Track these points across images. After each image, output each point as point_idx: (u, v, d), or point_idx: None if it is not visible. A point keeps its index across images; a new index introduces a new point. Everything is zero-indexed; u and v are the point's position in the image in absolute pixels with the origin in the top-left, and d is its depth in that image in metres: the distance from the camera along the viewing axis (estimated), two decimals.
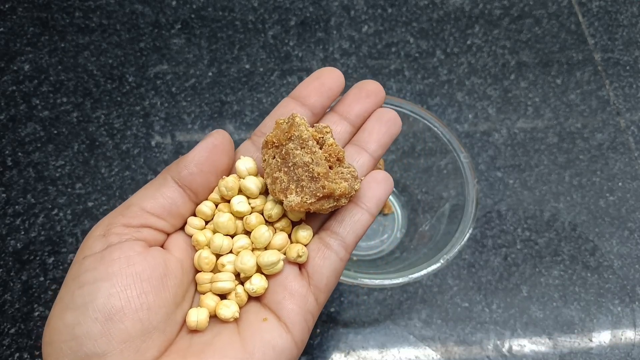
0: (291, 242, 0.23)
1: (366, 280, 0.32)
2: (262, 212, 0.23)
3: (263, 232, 0.22)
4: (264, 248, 0.22)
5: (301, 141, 0.21)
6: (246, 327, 0.20)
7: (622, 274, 0.43)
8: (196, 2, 0.54)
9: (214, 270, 0.22)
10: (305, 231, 0.22)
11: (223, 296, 0.22)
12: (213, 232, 0.22)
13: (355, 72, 0.51)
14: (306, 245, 0.22)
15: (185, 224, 0.22)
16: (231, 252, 0.22)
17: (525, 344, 0.39)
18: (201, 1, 0.54)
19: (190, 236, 0.22)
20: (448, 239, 0.34)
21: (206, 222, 0.23)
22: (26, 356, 0.37)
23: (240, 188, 0.23)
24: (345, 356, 0.38)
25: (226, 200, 0.23)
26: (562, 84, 0.52)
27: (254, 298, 0.22)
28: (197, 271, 0.22)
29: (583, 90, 0.52)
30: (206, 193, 0.22)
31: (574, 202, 0.46)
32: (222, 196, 0.22)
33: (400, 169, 0.43)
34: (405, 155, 0.42)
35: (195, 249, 0.22)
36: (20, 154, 0.44)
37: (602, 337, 0.40)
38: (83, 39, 0.51)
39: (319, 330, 0.39)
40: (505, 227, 0.44)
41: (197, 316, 0.20)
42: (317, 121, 0.25)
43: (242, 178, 0.23)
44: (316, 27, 0.53)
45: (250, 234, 0.23)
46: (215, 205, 0.23)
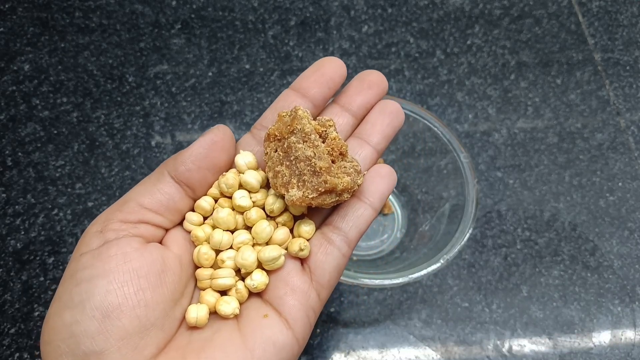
0: (293, 237, 0.22)
1: (366, 280, 0.32)
2: (263, 207, 0.22)
3: (264, 227, 0.21)
4: (265, 243, 0.22)
5: (303, 135, 0.21)
6: (247, 324, 0.20)
7: (622, 274, 0.43)
8: (196, 2, 0.54)
9: (214, 265, 0.22)
10: (307, 226, 0.22)
11: (223, 292, 0.22)
12: (212, 228, 0.22)
13: (355, 72, 0.51)
14: (308, 240, 0.22)
15: (183, 220, 0.22)
16: (231, 248, 0.22)
17: (525, 344, 0.39)
18: (201, 1, 0.54)
19: (188, 232, 0.22)
20: (448, 239, 0.34)
21: (205, 218, 0.22)
22: (26, 356, 0.37)
23: (240, 183, 0.22)
24: (345, 356, 0.38)
25: (225, 195, 0.22)
26: (562, 84, 0.52)
27: (255, 294, 0.22)
28: (197, 267, 0.22)
29: (583, 90, 0.52)
30: (204, 189, 0.22)
31: (574, 202, 0.46)
32: (223, 192, 0.22)
33: (400, 169, 0.43)
34: (405, 155, 0.42)
35: (194, 245, 0.22)
36: (20, 154, 0.44)
37: (602, 337, 0.40)
38: (83, 39, 0.51)
39: (319, 330, 0.39)
40: (505, 227, 0.44)
41: (197, 313, 0.20)
42: (319, 113, 0.24)
43: (242, 173, 0.22)
44: (316, 27, 0.53)
45: (250, 229, 0.22)
46: (214, 200, 0.22)
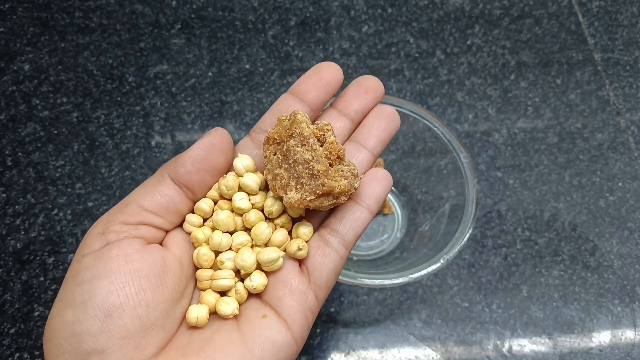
0: (291, 239, 0.22)
1: (366, 280, 0.32)
2: (262, 209, 0.23)
3: (263, 229, 0.22)
4: (264, 245, 0.22)
5: (302, 138, 0.21)
6: (246, 324, 0.21)
7: (622, 274, 0.43)
8: (196, 2, 0.54)
9: (214, 266, 0.22)
10: (305, 228, 0.22)
11: (223, 293, 0.22)
12: (212, 229, 0.22)
13: (355, 72, 0.51)
14: (307, 241, 0.22)
15: (183, 221, 0.22)
16: (231, 249, 0.22)
17: (525, 344, 0.39)
18: (201, 1, 0.54)
19: (188, 233, 0.22)
20: (448, 239, 0.34)
21: (205, 219, 0.23)
22: (26, 356, 0.37)
23: (239, 185, 0.23)
24: (345, 356, 0.38)
25: (225, 197, 0.23)
26: (562, 84, 0.52)
27: (254, 295, 0.22)
28: (197, 268, 0.22)
29: (583, 90, 0.52)
30: (203, 191, 0.22)
31: (574, 202, 0.46)
32: (223, 195, 0.22)
33: (400, 169, 0.43)
34: (405, 155, 0.42)
35: (194, 246, 0.22)
36: (20, 154, 0.44)
37: (602, 337, 0.40)
38: (83, 39, 0.51)
39: (319, 330, 0.39)
40: (505, 227, 0.44)
41: (197, 313, 0.20)
42: (317, 116, 0.25)
43: (240, 176, 0.22)
44: (316, 27, 0.53)
45: (249, 231, 0.23)
46: (214, 202, 0.23)
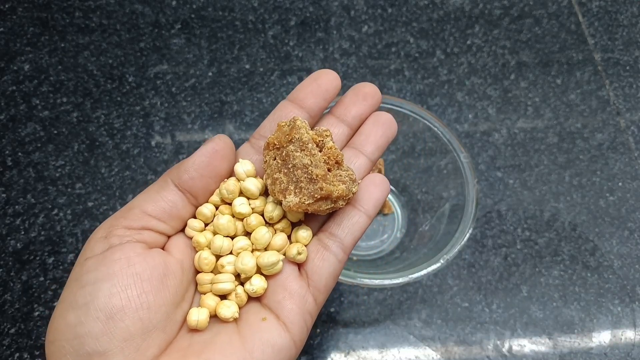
0: (291, 243, 0.23)
1: (366, 280, 0.32)
2: (262, 213, 0.23)
3: (263, 234, 0.22)
4: (264, 249, 0.22)
5: (301, 144, 0.21)
6: (246, 327, 0.21)
7: (622, 274, 0.43)
8: (196, 2, 0.54)
9: (214, 270, 0.22)
10: (305, 232, 0.23)
11: (223, 296, 0.22)
12: (213, 234, 0.23)
13: (355, 72, 0.51)
14: (306, 245, 0.23)
15: (185, 226, 0.23)
16: (231, 253, 0.22)
17: (525, 344, 0.39)
18: (201, 1, 0.54)
19: (190, 238, 0.23)
20: (448, 239, 0.34)
21: (206, 224, 0.23)
22: (26, 356, 0.37)
23: (240, 190, 0.23)
24: (345, 356, 0.38)
25: (226, 202, 0.23)
26: (562, 84, 0.52)
27: (254, 298, 0.22)
28: (198, 272, 0.22)
29: (583, 90, 0.52)
30: (206, 196, 0.23)
31: (574, 202, 0.46)
32: (223, 199, 0.23)
33: (400, 169, 0.43)
34: (405, 155, 0.42)
35: (195, 250, 0.22)
36: (20, 154, 0.44)
37: (602, 337, 0.40)
38: (83, 39, 0.51)
39: (319, 330, 0.39)
40: (505, 227, 0.44)
41: (198, 316, 0.21)
42: (315, 123, 0.25)
43: (241, 180, 0.23)
44: (316, 27, 0.53)
45: (250, 235, 0.23)
46: (215, 207, 0.23)
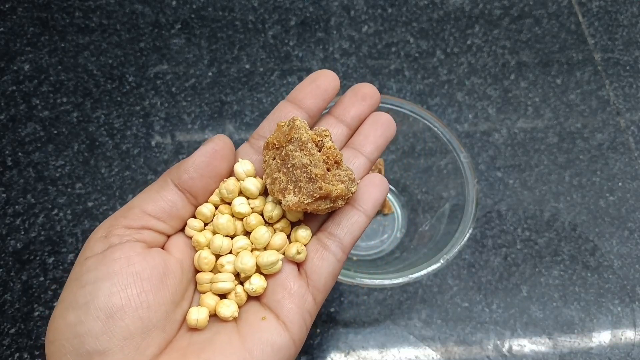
0: (290, 242, 0.23)
1: (366, 280, 0.32)
2: (261, 213, 0.23)
3: (263, 233, 0.22)
4: (264, 248, 0.22)
5: (301, 143, 0.21)
6: (245, 326, 0.21)
7: (622, 274, 0.43)
8: (196, 2, 0.54)
9: (214, 270, 0.22)
10: (304, 231, 0.23)
11: (223, 295, 0.22)
12: (213, 233, 0.23)
13: (355, 72, 0.51)
14: (305, 245, 0.23)
15: (185, 226, 0.23)
16: (231, 253, 0.23)
17: (525, 344, 0.39)
18: (201, 1, 0.54)
19: (190, 238, 0.23)
20: (448, 239, 0.34)
21: (206, 224, 0.23)
22: (26, 356, 0.37)
23: (240, 190, 0.23)
24: (345, 356, 0.38)
25: (226, 202, 0.23)
26: (562, 84, 0.52)
27: (254, 297, 0.22)
28: (197, 271, 0.23)
29: (583, 90, 0.52)
30: (206, 196, 0.23)
31: (574, 202, 0.46)
32: (223, 198, 0.23)
33: (400, 169, 0.43)
34: (405, 155, 0.42)
35: (195, 250, 0.23)
36: (20, 154, 0.44)
37: (602, 337, 0.40)
38: (83, 39, 0.51)
39: (319, 330, 0.39)
40: (505, 227, 0.44)
41: (197, 315, 0.21)
42: (314, 123, 0.25)
43: (241, 180, 0.23)
44: (316, 27, 0.53)
45: (249, 235, 0.23)
46: (215, 207, 0.23)
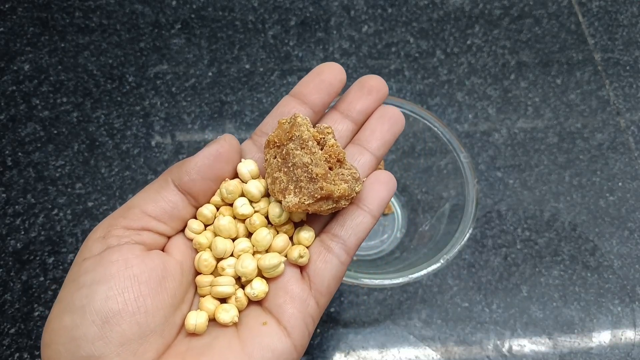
0: (292, 244, 0.22)
1: (366, 280, 0.32)
2: (265, 214, 0.22)
3: (264, 235, 0.21)
4: (265, 251, 0.22)
5: (302, 141, 0.21)
6: (246, 331, 0.20)
7: (622, 274, 0.43)
8: (196, 2, 0.54)
9: (214, 272, 0.22)
10: (307, 232, 0.22)
11: (223, 299, 0.21)
12: (214, 235, 0.22)
13: (355, 72, 0.51)
14: (308, 247, 0.22)
15: (185, 226, 0.22)
16: (232, 256, 0.22)
17: (525, 344, 0.39)
18: (201, 1, 0.54)
19: (190, 239, 0.22)
20: (448, 239, 0.34)
21: (206, 225, 0.22)
22: (26, 356, 0.37)
23: (242, 191, 0.22)
24: (345, 356, 0.38)
25: (227, 203, 0.22)
26: (562, 84, 0.52)
27: (254, 301, 0.22)
28: (198, 273, 0.22)
29: (583, 90, 0.52)
30: (207, 198, 0.22)
31: (574, 202, 0.46)
32: (223, 199, 0.22)
33: (400, 169, 0.43)
34: (405, 155, 0.42)
35: (196, 251, 0.22)
36: (20, 154, 0.44)
37: (602, 337, 0.40)
38: (83, 39, 0.51)
39: (319, 330, 0.39)
40: (505, 227, 0.44)
41: (196, 319, 0.20)
42: (319, 119, 0.24)
43: (245, 182, 0.22)
44: (316, 27, 0.53)
45: (250, 237, 0.22)
46: (216, 208, 0.22)
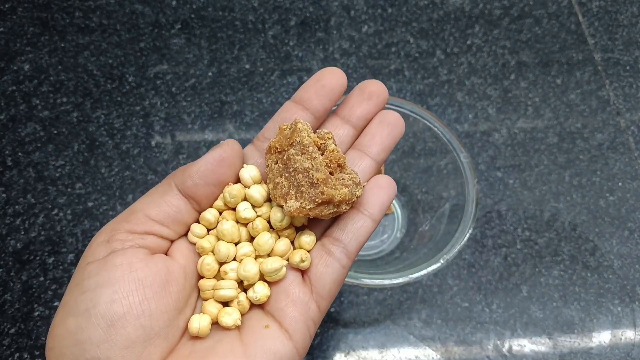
0: (294, 248, 0.22)
1: (366, 280, 0.32)
2: (267, 219, 0.23)
3: (267, 240, 0.22)
4: (267, 255, 0.22)
5: (302, 147, 0.21)
6: (248, 334, 0.20)
7: (622, 274, 0.43)
8: (196, 2, 0.54)
9: (217, 276, 0.22)
10: (308, 237, 0.22)
11: (225, 303, 0.22)
12: (217, 239, 0.22)
13: (355, 72, 0.51)
14: (309, 251, 0.22)
15: (188, 230, 0.22)
16: (234, 260, 0.22)
17: (525, 344, 0.39)
18: (201, 1, 0.54)
19: (193, 243, 0.22)
20: (448, 239, 0.34)
21: (209, 230, 0.23)
22: (26, 356, 0.37)
23: (245, 196, 0.22)
24: (345, 356, 0.38)
25: (230, 207, 0.23)
26: (562, 84, 0.52)
27: (257, 305, 0.22)
28: (200, 276, 0.22)
29: (583, 90, 0.52)
30: (209, 203, 0.22)
31: (574, 202, 0.46)
32: (226, 203, 0.22)
33: (400, 169, 0.43)
34: (405, 155, 0.42)
35: (198, 255, 0.22)
36: (20, 154, 0.44)
37: (602, 337, 0.40)
38: (83, 39, 0.51)
39: (319, 330, 0.39)
40: (505, 227, 0.44)
41: (199, 323, 0.20)
42: (320, 124, 0.24)
43: (247, 187, 0.22)
44: (316, 27, 0.53)
45: (252, 241, 0.22)
46: (219, 212, 0.23)
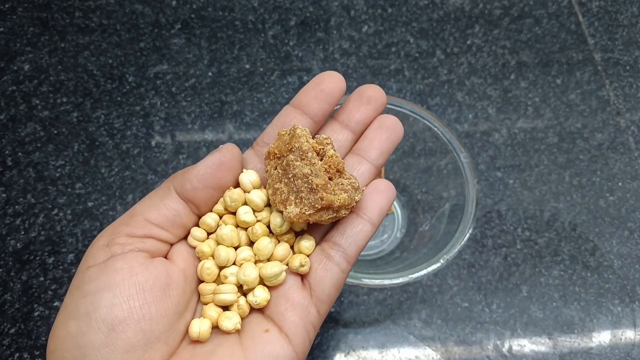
0: (294, 253, 0.22)
1: (366, 280, 0.32)
2: (267, 224, 0.23)
3: (266, 244, 0.22)
4: (267, 259, 0.22)
5: (301, 153, 0.21)
6: (248, 338, 0.21)
7: (622, 274, 0.43)
8: (196, 2, 0.54)
9: (217, 280, 0.22)
10: (307, 241, 0.22)
11: (225, 307, 0.22)
12: (216, 243, 0.22)
13: (355, 72, 0.51)
14: (309, 255, 0.22)
15: (188, 234, 0.22)
16: (234, 264, 0.22)
17: (525, 344, 0.39)
18: (201, 1, 0.54)
19: (193, 247, 0.22)
20: (448, 239, 0.34)
21: (209, 233, 0.23)
22: (26, 356, 0.37)
23: (245, 200, 0.23)
24: (345, 356, 0.38)
25: (230, 211, 0.23)
26: (562, 84, 0.52)
27: (256, 309, 0.22)
28: (200, 281, 0.22)
29: (583, 90, 0.52)
30: (209, 207, 0.22)
31: (574, 202, 0.46)
32: (227, 207, 0.22)
33: (400, 169, 0.43)
34: (405, 155, 0.42)
35: (198, 259, 0.22)
36: (20, 154, 0.44)
37: (602, 337, 0.40)
38: (83, 39, 0.51)
39: (319, 330, 0.39)
40: (505, 227, 0.44)
41: (200, 327, 0.20)
42: (319, 128, 0.25)
43: (247, 192, 0.22)
44: (316, 27, 0.53)
45: (252, 246, 0.23)
46: (219, 216, 0.23)
